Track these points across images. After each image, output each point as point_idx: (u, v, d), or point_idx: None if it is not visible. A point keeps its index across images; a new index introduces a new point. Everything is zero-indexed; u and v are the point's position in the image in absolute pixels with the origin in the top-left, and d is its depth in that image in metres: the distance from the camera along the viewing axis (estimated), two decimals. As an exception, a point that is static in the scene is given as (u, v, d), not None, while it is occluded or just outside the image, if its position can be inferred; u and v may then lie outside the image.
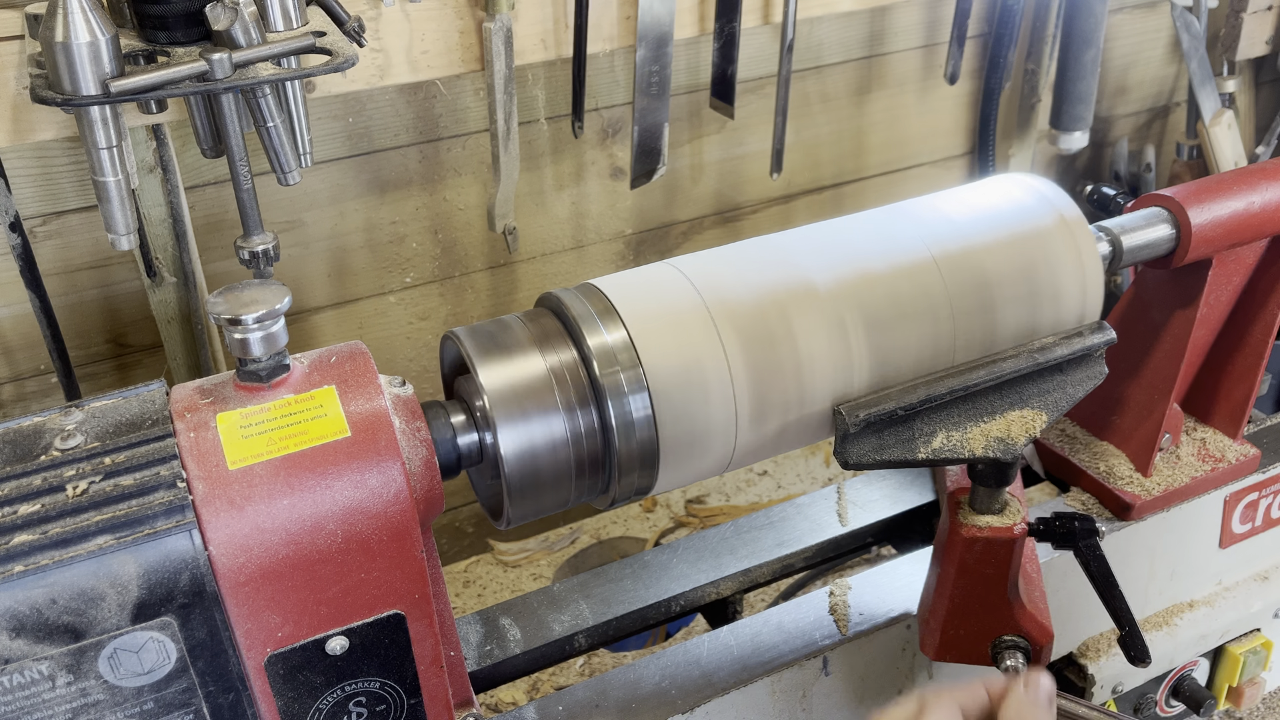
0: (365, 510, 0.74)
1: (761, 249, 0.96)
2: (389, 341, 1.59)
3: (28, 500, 0.68)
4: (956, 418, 0.94)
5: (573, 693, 1.05)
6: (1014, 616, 1.00)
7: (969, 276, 0.95)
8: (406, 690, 0.81)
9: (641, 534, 1.66)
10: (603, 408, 0.85)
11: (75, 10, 0.96)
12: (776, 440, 0.93)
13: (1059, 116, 1.86)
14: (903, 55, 1.78)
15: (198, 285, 1.35)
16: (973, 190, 1.04)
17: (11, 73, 1.11)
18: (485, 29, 1.30)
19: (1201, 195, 1.08)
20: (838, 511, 1.30)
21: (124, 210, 1.09)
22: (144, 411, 0.74)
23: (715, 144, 1.69)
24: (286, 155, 1.14)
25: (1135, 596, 1.23)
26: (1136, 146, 2.08)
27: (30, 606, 0.66)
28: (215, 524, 0.70)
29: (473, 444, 0.85)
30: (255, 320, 0.74)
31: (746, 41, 1.51)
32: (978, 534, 0.97)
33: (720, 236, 1.76)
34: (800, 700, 1.09)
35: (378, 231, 1.51)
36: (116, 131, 1.05)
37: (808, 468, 1.78)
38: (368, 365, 0.79)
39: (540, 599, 1.19)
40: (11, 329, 1.35)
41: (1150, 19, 1.97)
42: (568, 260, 1.66)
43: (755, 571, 1.23)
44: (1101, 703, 1.25)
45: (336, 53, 1.06)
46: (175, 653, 0.71)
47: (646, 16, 1.37)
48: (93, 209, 1.32)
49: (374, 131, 1.44)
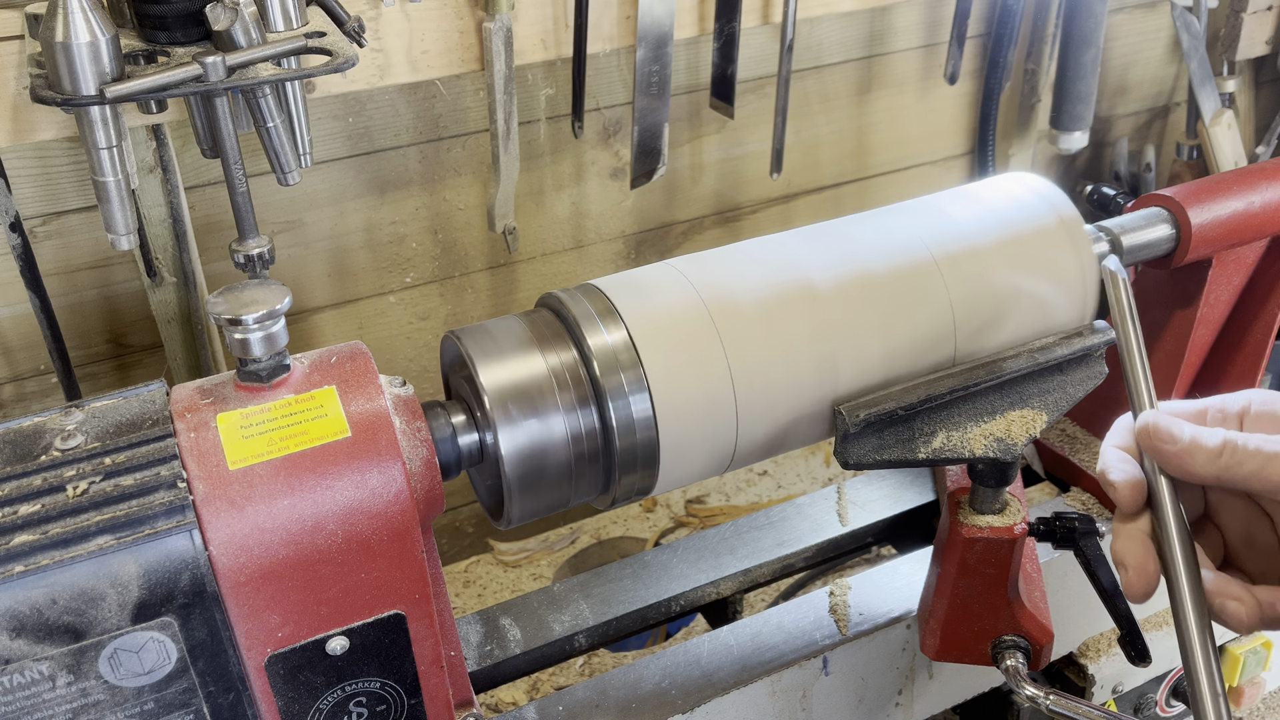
0: (365, 510, 0.74)
1: (762, 249, 0.96)
2: (389, 341, 1.59)
3: (28, 500, 0.68)
4: (956, 418, 0.94)
5: (573, 693, 1.05)
6: (1014, 616, 1.00)
7: (970, 276, 0.95)
8: (407, 690, 0.81)
9: (641, 534, 1.66)
10: (603, 408, 0.85)
11: (75, 10, 0.96)
12: (777, 440, 0.93)
13: (1059, 116, 1.86)
14: (903, 55, 1.78)
15: (198, 285, 1.35)
16: (973, 190, 1.04)
17: (11, 73, 1.11)
18: (485, 29, 1.30)
19: (1201, 195, 1.08)
20: (838, 511, 1.30)
21: (124, 210, 1.09)
22: (144, 411, 0.74)
23: (715, 144, 1.69)
24: (286, 155, 1.14)
25: (1135, 596, 1.23)
26: (1136, 146, 2.08)
27: (30, 606, 0.66)
28: (215, 524, 0.70)
29: (473, 444, 0.85)
30: (255, 320, 0.74)
31: (746, 41, 1.51)
32: (978, 534, 0.97)
33: (720, 236, 1.76)
34: (800, 700, 1.09)
35: (378, 231, 1.51)
36: (116, 132, 1.05)
37: (808, 468, 1.78)
38: (368, 365, 0.79)
39: (540, 599, 1.19)
40: (11, 329, 1.35)
41: (1150, 19, 1.97)
42: (568, 260, 1.66)
43: (755, 571, 1.23)
44: (1101, 703, 1.25)
45: (336, 53, 1.06)
46: (175, 653, 0.71)
47: (646, 16, 1.37)
48: (93, 209, 1.32)
49: (374, 131, 1.44)
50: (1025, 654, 0.99)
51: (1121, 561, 0.78)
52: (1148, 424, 0.79)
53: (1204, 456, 0.75)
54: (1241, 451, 0.73)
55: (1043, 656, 1.01)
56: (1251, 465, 0.73)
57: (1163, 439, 0.77)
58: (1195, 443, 0.75)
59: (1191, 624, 0.74)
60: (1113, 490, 0.80)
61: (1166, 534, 0.77)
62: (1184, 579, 0.75)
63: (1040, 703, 0.94)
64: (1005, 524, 0.97)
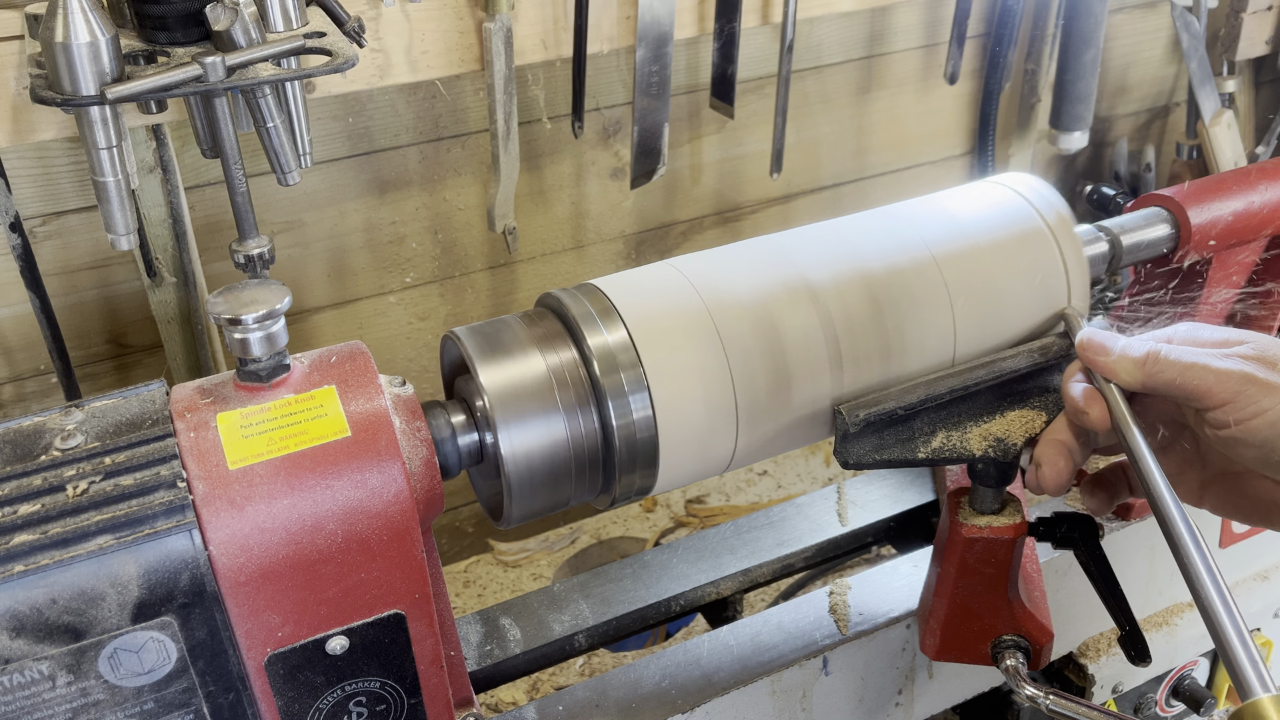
0: (365, 510, 0.74)
1: (761, 249, 0.96)
2: (389, 341, 1.59)
3: (28, 500, 0.68)
4: (956, 417, 0.94)
5: (573, 693, 1.05)
6: (1014, 616, 1.00)
7: (969, 276, 0.95)
8: (407, 690, 0.81)
9: (641, 534, 1.66)
10: (603, 408, 0.85)
11: (75, 10, 0.96)
12: (777, 440, 0.93)
13: (1059, 116, 1.86)
14: (903, 55, 1.78)
15: (198, 285, 1.35)
16: (972, 190, 1.04)
17: (11, 73, 1.11)
18: (485, 29, 1.30)
19: (1201, 195, 1.08)
20: (838, 511, 1.30)
21: (124, 210, 1.09)
22: (144, 411, 0.74)
23: (715, 144, 1.69)
24: (286, 155, 1.14)
25: (1135, 596, 1.23)
26: (1136, 146, 2.08)
27: (30, 606, 0.66)
28: (215, 524, 0.70)
29: (473, 444, 0.85)
30: (255, 320, 0.74)
31: (746, 41, 1.51)
32: (978, 534, 0.97)
33: (720, 236, 1.76)
34: (800, 700, 1.09)
35: (378, 231, 1.51)
36: (116, 132, 1.05)
37: (808, 468, 1.78)
38: (368, 365, 0.79)
39: (540, 599, 1.19)
40: (11, 329, 1.35)
41: (1150, 19, 1.97)
42: (568, 260, 1.66)
43: (755, 571, 1.23)
44: (1101, 703, 1.25)
45: (336, 53, 1.06)
46: (175, 653, 0.71)
47: (646, 16, 1.37)
48: (93, 209, 1.32)
49: (374, 131, 1.44)
50: (1025, 654, 0.99)
51: (1038, 460, 0.88)
52: (1083, 339, 0.89)
53: (1130, 364, 0.84)
54: (1163, 361, 0.83)
55: (1043, 656, 1.01)
56: (1170, 374, 0.82)
57: (1096, 350, 0.87)
58: (1124, 354, 0.85)
59: (1165, 497, 0.79)
60: (1071, 402, 0.88)
61: (1125, 430, 0.84)
62: (1146, 455, 0.82)
63: (1040, 703, 0.94)
64: (1005, 524, 0.97)
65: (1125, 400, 0.85)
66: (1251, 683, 0.68)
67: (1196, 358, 0.82)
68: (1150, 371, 0.83)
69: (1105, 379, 0.86)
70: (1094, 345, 0.88)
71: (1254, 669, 0.69)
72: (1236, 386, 0.79)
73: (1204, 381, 0.80)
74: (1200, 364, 0.81)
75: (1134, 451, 0.82)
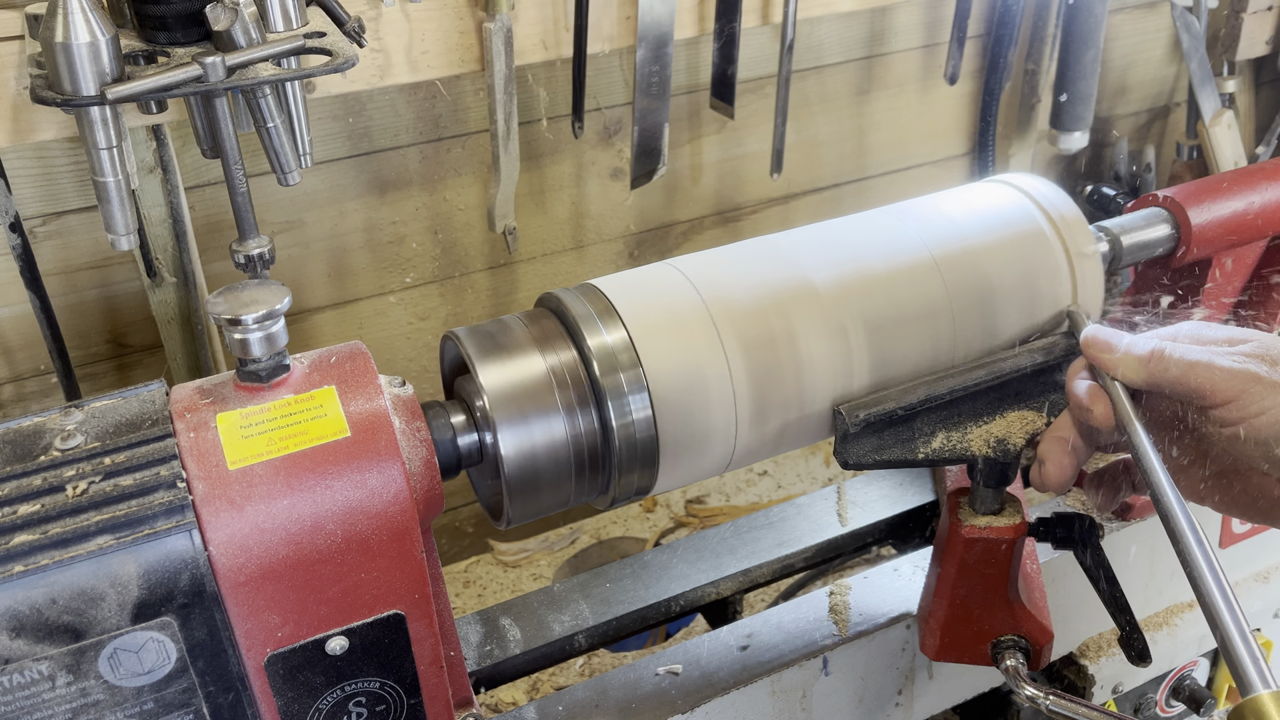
0: (365, 510, 0.74)
1: (762, 249, 0.96)
2: (389, 341, 1.59)
3: (28, 500, 0.68)
4: (956, 418, 0.94)
5: (573, 693, 1.05)
6: (1014, 616, 1.00)
7: (970, 277, 0.95)
8: (406, 690, 0.81)
9: (641, 534, 1.66)
10: (603, 408, 0.85)
11: (75, 10, 0.96)
12: (776, 440, 0.93)
13: (1059, 116, 1.86)
14: (903, 55, 1.78)
15: (198, 285, 1.35)
16: (973, 190, 1.04)
17: (11, 73, 1.11)
18: (485, 29, 1.30)
19: (1201, 195, 1.08)
20: (838, 511, 1.30)
21: (124, 210, 1.09)
22: (144, 411, 0.74)
23: (715, 144, 1.69)
24: (286, 155, 1.14)
25: (1135, 596, 1.23)
26: (1136, 146, 2.08)
27: (30, 606, 0.66)
28: (215, 524, 0.70)
29: (473, 444, 0.85)
30: (255, 320, 0.74)
31: (746, 41, 1.51)
32: (978, 534, 0.97)
33: (720, 236, 1.76)
34: (800, 700, 1.09)
35: (378, 231, 1.51)
36: (116, 132, 1.05)
37: (808, 468, 1.78)
38: (368, 365, 0.79)
39: (540, 599, 1.19)
40: (11, 329, 1.35)
41: (1150, 19, 1.97)
42: (568, 260, 1.66)
43: (755, 571, 1.23)
44: (1101, 703, 1.25)
45: (336, 53, 1.06)
46: (175, 653, 0.71)
47: (646, 16, 1.37)
48: (93, 209, 1.32)
49: (374, 131, 1.44)
50: (1025, 654, 0.99)
51: (1041, 458, 0.89)
52: (1088, 335, 0.89)
53: (1135, 362, 0.85)
54: (1168, 359, 0.83)
55: (1042, 656, 1.01)
56: (1174, 372, 0.82)
57: (1101, 347, 0.87)
58: (1128, 351, 0.85)
59: (1168, 494, 0.79)
60: (1076, 399, 0.88)
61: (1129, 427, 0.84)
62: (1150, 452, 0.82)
63: (1040, 703, 0.94)
64: (1005, 524, 0.97)
65: (1129, 398, 0.85)
66: (1252, 678, 0.68)
67: (1201, 356, 0.82)
68: (1155, 369, 0.83)
69: (1110, 376, 0.86)
70: (1099, 342, 0.88)
71: (1255, 665, 0.69)
72: (1240, 385, 0.80)
73: (1208, 379, 0.81)
74: (1205, 362, 0.81)
75: (1138, 449, 0.82)
